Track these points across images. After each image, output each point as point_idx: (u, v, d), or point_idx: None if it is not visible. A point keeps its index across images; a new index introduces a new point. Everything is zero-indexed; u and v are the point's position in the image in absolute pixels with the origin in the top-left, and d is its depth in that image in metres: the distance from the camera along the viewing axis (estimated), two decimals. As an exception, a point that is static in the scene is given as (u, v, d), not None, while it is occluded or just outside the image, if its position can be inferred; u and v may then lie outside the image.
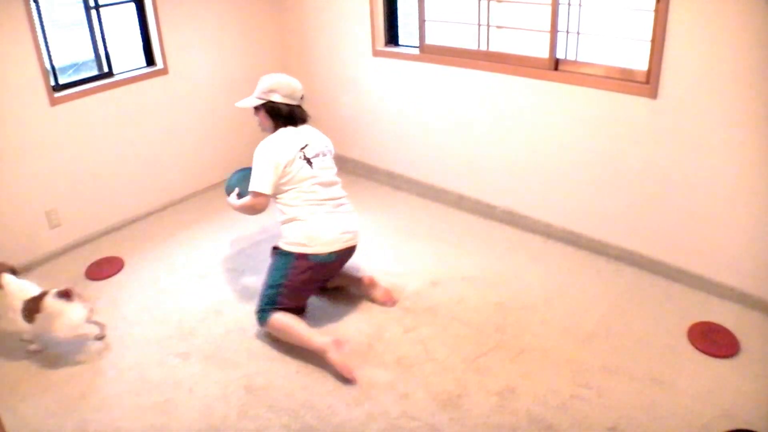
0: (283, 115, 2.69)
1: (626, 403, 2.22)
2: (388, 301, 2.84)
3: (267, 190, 2.58)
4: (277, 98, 2.68)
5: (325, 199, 2.66)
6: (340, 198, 2.73)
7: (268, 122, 2.72)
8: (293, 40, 4.25)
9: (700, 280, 2.82)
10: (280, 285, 2.57)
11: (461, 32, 3.46)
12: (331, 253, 2.60)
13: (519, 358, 2.48)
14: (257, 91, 2.72)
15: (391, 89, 3.81)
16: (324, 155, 2.73)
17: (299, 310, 2.67)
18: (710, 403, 2.21)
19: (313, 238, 2.58)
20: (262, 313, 2.57)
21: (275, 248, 2.70)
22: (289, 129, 2.70)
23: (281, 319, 2.53)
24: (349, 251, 2.72)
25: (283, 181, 2.61)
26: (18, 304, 2.48)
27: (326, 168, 2.71)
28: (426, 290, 2.94)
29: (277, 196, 2.65)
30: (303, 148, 2.64)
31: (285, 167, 2.59)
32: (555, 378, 2.36)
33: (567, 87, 2.98)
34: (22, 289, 2.51)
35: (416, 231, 3.48)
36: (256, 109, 2.74)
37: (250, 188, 2.61)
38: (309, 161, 2.64)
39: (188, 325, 2.77)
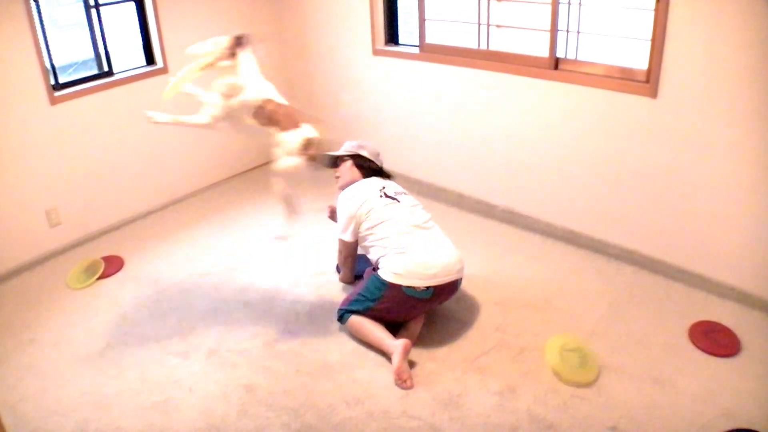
0: (370, 168, 2.86)
1: (626, 403, 2.22)
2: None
3: (348, 237, 2.71)
4: (364, 153, 2.87)
5: (418, 229, 2.62)
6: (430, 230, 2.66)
7: (351, 174, 2.83)
8: (293, 40, 4.25)
9: (701, 280, 2.82)
10: (369, 307, 2.55)
11: (461, 31, 3.46)
12: (428, 288, 2.48)
13: (519, 357, 2.48)
14: (343, 149, 2.91)
15: (391, 88, 3.80)
16: (406, 194, 2.78)
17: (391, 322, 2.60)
18: (711, 403, 2.21)
19: (411, 271, 2.48)
20: (344, 314, 2.62)
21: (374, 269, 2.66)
22: (372, 178, 2.81)
23: (358, 320, 2.58)
24: (449, 286, 2.55)
25: (365, 225, 2.65)
26: None
27: (413, 205, 2.72)
28: (426, 290, 2.93)
29: (366, 239, 2.66)
30: (382, 188, 2.72)
31: (366, 213, 2.64)
32: (555, 378, 2.36)
33: (567, 86, 2.98)
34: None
35: (416, 230, 3.48)
36: (342, 161, 2.88)
37: (336, 234, 2.78)
38: (393, 198, 2.69)
39: (188, 325, 2.77)
